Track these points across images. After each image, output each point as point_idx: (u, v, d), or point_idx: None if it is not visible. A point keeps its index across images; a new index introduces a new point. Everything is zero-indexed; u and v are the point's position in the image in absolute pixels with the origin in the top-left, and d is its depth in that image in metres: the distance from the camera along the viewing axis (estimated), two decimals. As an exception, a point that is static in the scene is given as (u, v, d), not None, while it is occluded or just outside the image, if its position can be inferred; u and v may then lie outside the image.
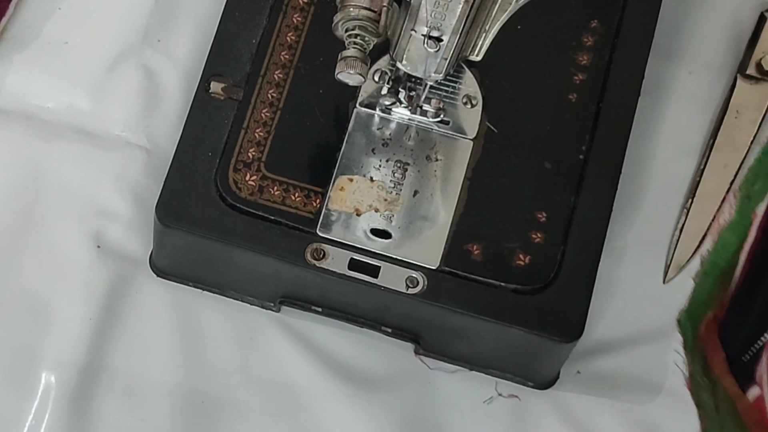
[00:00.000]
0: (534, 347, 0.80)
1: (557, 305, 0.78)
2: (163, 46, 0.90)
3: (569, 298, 0.79)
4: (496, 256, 0.79)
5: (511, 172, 0.81)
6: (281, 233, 0.78)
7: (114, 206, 0.86)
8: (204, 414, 0.82)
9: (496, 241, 0.79)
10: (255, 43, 0.83)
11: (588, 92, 0.83)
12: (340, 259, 0.78)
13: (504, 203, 0.81)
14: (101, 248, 0.84)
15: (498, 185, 0.81)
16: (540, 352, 0.81)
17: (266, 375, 0.83)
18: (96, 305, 0.83)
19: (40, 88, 0.88)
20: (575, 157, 0.82)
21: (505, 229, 0.80)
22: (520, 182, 0.81)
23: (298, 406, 0.83)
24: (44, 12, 0.90)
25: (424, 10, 0.70)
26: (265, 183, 0.80)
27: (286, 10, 0.84)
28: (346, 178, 0.80)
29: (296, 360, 0.83)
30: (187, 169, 0.80)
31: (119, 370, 0.82)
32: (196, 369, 0.83)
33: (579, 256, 0.80)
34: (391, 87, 0.79)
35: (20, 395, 0.81)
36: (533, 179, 0.81)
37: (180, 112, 0.87)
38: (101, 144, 0.87)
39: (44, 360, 0.81)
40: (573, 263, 0.79)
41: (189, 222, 0.79)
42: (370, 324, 0.83)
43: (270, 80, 0.82)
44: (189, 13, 0.91)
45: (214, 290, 0.84)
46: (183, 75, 0.89)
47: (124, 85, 0.89)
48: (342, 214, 0.79)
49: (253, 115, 0.81)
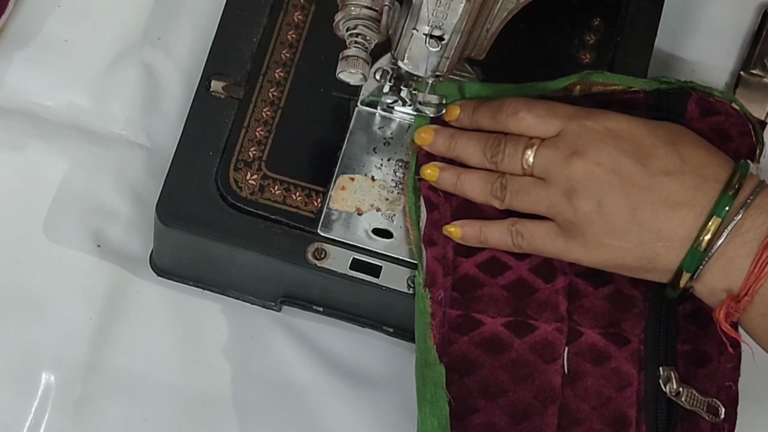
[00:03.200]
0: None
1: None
2: (163, 44, 0.90)
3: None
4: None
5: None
6: (282, 233, 0.78)
7: (114, 205, 0.86)
8: (205, 414, 0.82)
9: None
10: (256, 42, 0.83)
11: (591, 91, 0.83)
12: (342, 259, 0.78)
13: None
14: (101, 247, 0.84)
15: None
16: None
17: (267, 374, 0.83)
18: (96, 305, 0.83)
19: (40, 86, 0.88)
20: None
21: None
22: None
23: (299, 406, 0.82)
24: (44, 10, 0.90)
25: (426, 9, 0.70)
26: (265, 182, 0.79)
27: (286, 9, 0.84)
28: (347, 177, 0.80)
29: (297, 360, 0.83)
30: (187, 168, 0.79)
31: (119, 369, 0.82)
32: (196, 369, 0.83)
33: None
34: (393, 85, 0.79)
35: (20, 395, 0.81)
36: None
37: (180, 110, 0.86)
38: (101, 142, 0.87)
39: (44, 360, 0.81)
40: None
41: (189, 221, 0.78)
42: (371, 324, 0.83)
43: (271, 79, 0.82)
44: (189, 11, 0.91)
45: (215, 290, 0.84)
46: (183, 73, 0.89)
47: (125, 84, 0.89)
48: (343, 214, 0.79)
49: (253, 114, 0.81)
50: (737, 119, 0.77)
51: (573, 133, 0.73)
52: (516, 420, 0.73)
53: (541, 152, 0.73)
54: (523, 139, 0.74)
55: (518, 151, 0.74)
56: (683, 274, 0.70)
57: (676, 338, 0.75)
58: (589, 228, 0.71)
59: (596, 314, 0.76)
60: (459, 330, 0.75)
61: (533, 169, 0.73)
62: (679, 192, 0.70)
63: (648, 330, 0.75)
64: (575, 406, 0.74)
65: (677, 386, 0.74)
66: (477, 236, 0.76)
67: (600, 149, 0.71)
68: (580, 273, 0.76)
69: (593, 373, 0.74)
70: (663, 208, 0.70)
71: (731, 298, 0.69)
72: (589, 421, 0.73)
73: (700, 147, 0.73)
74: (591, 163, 0.71)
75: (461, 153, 0.77)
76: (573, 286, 0.76)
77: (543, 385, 0.74)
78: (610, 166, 0.71)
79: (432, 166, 0.77)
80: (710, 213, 0.69)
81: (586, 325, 0.75)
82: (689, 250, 0.70)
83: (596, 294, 0.76)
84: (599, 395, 0.74)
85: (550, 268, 0.76)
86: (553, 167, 0.72)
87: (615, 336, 0.75)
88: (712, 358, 0.75)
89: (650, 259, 0.71)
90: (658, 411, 0.74)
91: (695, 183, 0.70)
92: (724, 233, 0.69)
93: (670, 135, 0.73)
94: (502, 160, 0.75)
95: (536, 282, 0.76)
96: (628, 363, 0.75)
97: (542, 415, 0.73)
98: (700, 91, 0.78)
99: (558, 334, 0.75)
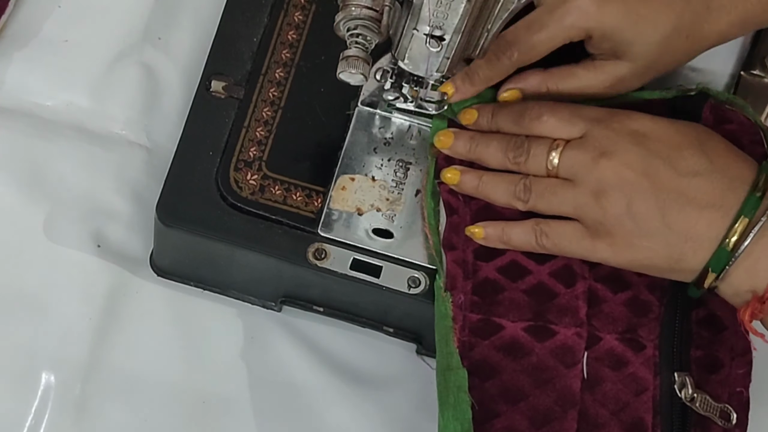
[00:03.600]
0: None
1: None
2: (163, 44, 0.90)
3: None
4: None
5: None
6: (282, 233, 0.78)
7: (114, 205, 0.85)
8: (205, 414, 0.82)
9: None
10: (256, 42, 0.83)
11: (591, 91, 0.83)
12: (342, 259, 0.78)
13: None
14: (101, 247, 0.84)
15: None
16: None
17: (267, 375, 0.83)
18: (96, 305, 0.83)
19: (40, 86, 0.88)
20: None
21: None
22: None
23: (299, 406, 0.82)
24: (44, 10, 0.90)
25: (427, 9, 0.69)
26: (266, 182, 0.79)
27: (287, 8, 0.84)
28: (347, 177, 0.80)
29: (297, 360, 0.83)
30: (187, 168, 0.79)
31: (119, 369, 0.82)
32: (197, 369, 0.83)
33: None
34: (394, 82, 0.79)
35: (20, 395, 0.81)
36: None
37: (180, 110, 0.86)
38: (101, 142, 0.87)
39: (44, 360, 0.81)
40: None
41: (190, 221, 0.78)
42: (371, 324, 0.83)
43: (271, 79, 0.82)
44: (189, 11, 0.91)
45: (215, 290, 0.84)
46: (183, 73, 0.89)
47: (125, 84, 0.88)
48: (344, 214, 0.79)
49: (254, 114, 0.81)
50: (749, 128, 0.78)
51: (599, 134, 0.73)
52: (536, 424, 0.73)
53: (567, 153, 0.73)
54: (546, 140, 0.74)
55: (543, 152, 0.74)
56: (708, 274, 0.71)
57: (690, 344, 0.76)
58: (618, 229, 0.71)
59: (615, 319, 0.76)
60: (480, 334, 0.74)
61: (559, 171, 0.73)
62: (707, 193, 0.70)
63: (662, 336, 0.75)
64: (594, 411, 0.74)
65: (692, 392, 0.74)
66: (500, 236, 0.76)
67: (628, 150, 0.71)
68: (600, 278, 0.76)
69: (612, 378, 0.74)
70: (692, 209, 0.70)
71: (756, 299, 0.69)
72: (607, 426, 0.73)
73: (726, 147, 0.73)
74: (620, 164, 0.71)
75: (482, 155, 0.77)
76: (593, 291, 0.76)
77: (563, 390, 0.74)
78: (639, 168, 0.71)
79: (452, 170, 0.77)
80: (738, 214, 0.69)
81: (605, 330, 0.75)
82: (716, 251, 0.70)
83: (615, 299, 0.76)
84: (617, 400, 0.74)
85: (570, 273, 0.76)
86: (580, 168, 0.72)
87: (632, 341, 0.75)
88: (724, 363, 0.75)
89: (677, 260, 0.71)
90: (674, 416, 0.74)
91: (723, 184, 0.70)
92: (750, 234, 0.69)
93: (697, 135, 0.73)
94: (525, 161, 0.74)
95: (556, 287, 0.76)
96: (645, 368, 0.75)
97: (562, 420, 0.73)
98: (714, 98, 0.78)
99: (578, 339, 0.75)
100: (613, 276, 0.75)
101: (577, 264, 0.76)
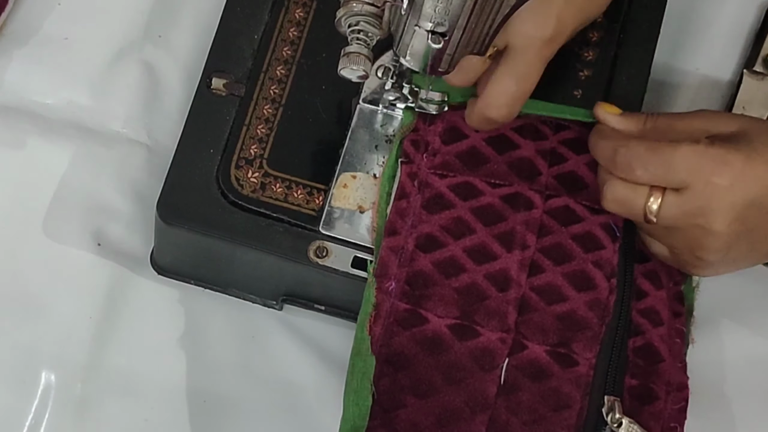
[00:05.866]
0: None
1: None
2: (164, 42, 0.90)
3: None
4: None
5: (515, 169, 0.81)
6: (284, 231, 0.78)
7: (114, 203, 0.85)
8: (206, 413, 0.82)
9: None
10: (257, 39, 0.82)
11: (593, 88, 0.83)
12: (343, 257, 0.77)
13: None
14: (102, 246, 0.84)
15: (502, 182, 0.80)
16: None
17: (268, 373, 0.83)
18: (96, 304, 0.82)
19: (40, 84, 0.88)
20: (581, 154, 0.81)
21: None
22: (524, 179, 0.80)
23: (300, 405, 0.82)
24: (44, 7, 0.90)
25: (429, 5, 0.69)
26: (267, 180, 0.79)
27: (288, 6, 0.83)
28: (349, 175, 0.80)
29: (298, 358, 0.83)
30: (188, 165, 0.79)
31: (120, 369, 0.82)
32: (197, 368, 0.82)
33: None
34: (395, 82, 0.79)
35: (20, 395, 0.80)
36: (538, 176, 0.81)
37: (181, 108, 0.86)
38: (102, 140, 0.87)
39: (44, 360, 0.81)
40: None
41: (190, 219, 0.78)
42: (373, 322, 0.82)
43: (272, 76, 0.82)
44: (190, 9, 0.90)
45: (216, 288, 0.84)
46: (184, 71, 0.89)
47: (125, 81, 0.88)
48: (345, 212, 0.79)
49: (255, 112, 0.81)
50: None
51: (700, 194, 0.71)
52: (442, 422, 0.72)
53: (666, 206, 0.72)
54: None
55: (641, 197, 0.72)
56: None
57: (624, 370, 0.75)
58: (709, 268, 0.74)
59: (544, 330, 0.75)
60: (403, 324, 0.74)
61: (658, 220, 0.72)
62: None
63: (600, 357, 0.75)
64: (505, 418, 0.73)
65: (619, 416, 0.73)
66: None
67: (729, 211, 0.71)
68: (536, 288, 0.75)
69: (530, 388, 0.74)
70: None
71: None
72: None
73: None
74: (723, 226, 0.71)
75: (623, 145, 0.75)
76: (525, 300, 0.75)
77: (475, 392, 0.73)
78: (737, 225, 0.71)
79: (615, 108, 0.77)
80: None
81: (534, 340, 0.74)
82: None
83: (548, 310, 0.75)
84: (532, 411, 0.73)
85: (505, 278, 0.75)
86: (680, 223, 0.72)
87: (562, 356, 0.74)
88: (659, 397, 0.75)
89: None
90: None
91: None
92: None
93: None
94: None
95: (489, 289, 0.75)
96: (571, 385, 0.74)
97: (469, 421, 0.72)
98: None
99: (500, 344, 0.74)
100: (550, 288, 0.75)
101: (514, 270, 0.76)
